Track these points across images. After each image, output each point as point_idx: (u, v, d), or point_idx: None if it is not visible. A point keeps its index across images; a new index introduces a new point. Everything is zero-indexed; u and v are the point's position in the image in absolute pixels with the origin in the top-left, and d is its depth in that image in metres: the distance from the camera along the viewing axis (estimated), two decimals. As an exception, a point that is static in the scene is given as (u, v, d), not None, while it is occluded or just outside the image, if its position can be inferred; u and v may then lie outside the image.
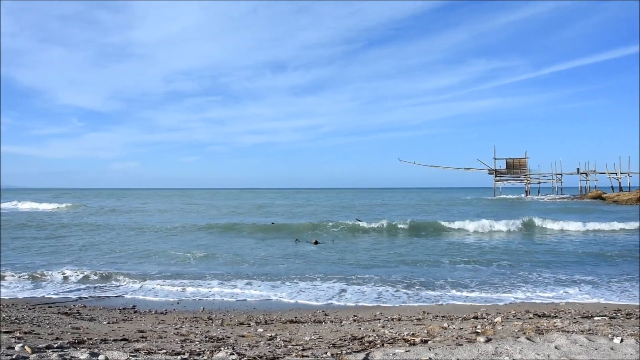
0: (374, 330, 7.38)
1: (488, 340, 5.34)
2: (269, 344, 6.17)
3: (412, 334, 6.79)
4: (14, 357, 4.28)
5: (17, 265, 15.83)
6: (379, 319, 8.95)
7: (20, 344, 4.83)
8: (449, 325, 7.61)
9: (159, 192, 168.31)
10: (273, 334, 7.05)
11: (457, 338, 6.46)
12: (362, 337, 6.67)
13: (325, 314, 9.81)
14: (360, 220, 30.12)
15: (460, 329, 7.23)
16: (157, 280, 13.47)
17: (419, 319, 8.89)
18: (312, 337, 6.84)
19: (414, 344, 6.16)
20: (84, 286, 12.84)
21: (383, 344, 6.20)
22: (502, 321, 7.54)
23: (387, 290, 12.18)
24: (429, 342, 6.21)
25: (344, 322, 8.66)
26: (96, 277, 13.89)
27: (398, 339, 6.49)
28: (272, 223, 30.23)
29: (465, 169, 78.58)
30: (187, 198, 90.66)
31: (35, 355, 4.41)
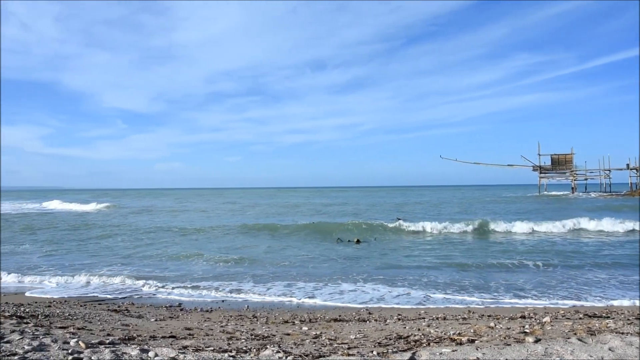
0: (419, 329, 7.31)
1: (537, 341, 5.22)
2: (314, 342, 6.18)
3: (459, 333, 6.69)
4: (69, 351, 4.41)
5: (66, 265, 16.38)
6: (424, 318, 8.85)
7: (75, 339, 4.97)
8: (495, 325, 7.46)
9: (202, 191, 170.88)
10: (318, 333, 7.06)
11: (504, 338, 6.34)
12: (408, 336, 6.61)
13: (369, 313, 9.77)
14: (401, 219, 29.85)
15: (508, 328, 7.09)
16: (200, 282, 13.69)
17: (464, 318, 8.76)
18: (357, 335, 6.82)
19: (460, 344, 6.07)
20: (129, 285, 13.15)
21: (429, 343, 6.12)
22: (551, 321, 7.36)
23: (433, 292, 11.97)
24: (476, 341, 6.11)
25: (388, 321, 8.60)
26: (140, 276, 14.22)
27: (444, 338, 6.41)
28: (313, 222, 30.28)
29: (508, 165, 77.07)
30: (229, 197, 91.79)
31: (89, 350, 4.54)
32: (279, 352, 5.15)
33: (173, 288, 12.64)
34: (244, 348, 5.40)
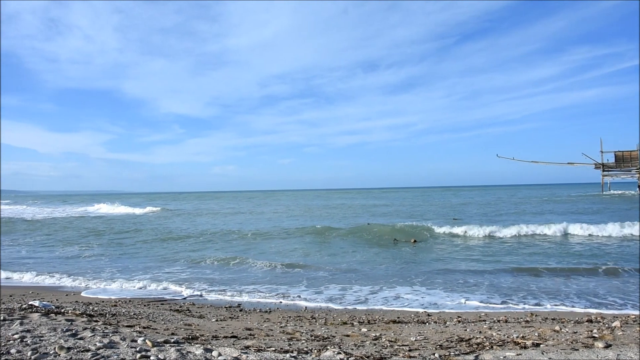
0: (480, 332, 7.16)
1: (608, 346, 5.02)
2: (375, 344, 6.15)
3: (522, 337, 6.52)
4: (137, 349, 4.56)
5: (129, 267, 16.96)
6: (484, 321, 8.66)
7: (142, 338, 5.13)
8: (560, 329, 7.23)
9: (255, 194, 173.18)
10: (377, 334, 7.02)
11: (571, 342, 6.13)
12: (469, 339, 6.49)
13: (428, 315, 9.64)
14: (457, 219, 29.31)
15: (574, 332, 6.85)
16: (256, 284, 13.89)
17: (527, 321, 8.52)
18: (418, 337, 6.74)
19: (524, 347, 5.91)
20: (185, 287, 13.45)
21: (492, 346, 5.99)
22: (621, 326, 7.06)
23: (492, 295, 11.67)
24: (541, 345, 5.94)
25: (447, 323, 8.46)
26: (196, 279, 14.55)
27: (507, 342, 6.26)
28: (368, 224, 30.14)
29: (568, 164, 74.28)
30: (282, 200, 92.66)
31: (155, 348, 4.68)
32: (340, 353, 5.15)
33: (229, 290, 12.85)
34: (305, 349, 5.43)
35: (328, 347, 5.57)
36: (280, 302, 11.33)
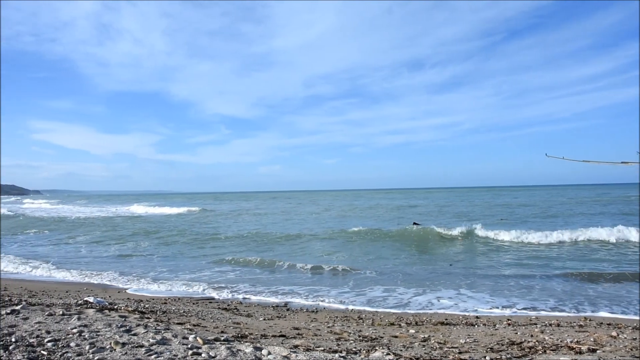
0: (532, 336, 6.98)
1: (672, 353, 4.80)
2: (424, 346, 6.07)
3: (577, 342, 6.32)
4: (189, 346, 4.64)
5: (174, 266, 17.30)
6: (536, 324, 8.45)
7: (193, 335, 5.22)
8: (618, 335, 6.98)
9: (300, 194, 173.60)
10: (426, 336, 6.93)
11: (630, 349, 5.91)
12: (521, 342, 6.34)
13: (477, 317, 9.47)
14: (504, 220, 28.67)
15: (634, 339, 6.60)
16: (301, 285, 13.97)
17: (580, 326, 8.27)
18: (467, 340, 6.62)
19: (580, 352, 5.74)
20: (229, 286, 13.61)
21: (545, 351, 5.84)
22: (683, 332, 6.78)
23: (544, 299, 11.35)
24: (598, 351, 5.75)
25: (497, 325, 8.29)
26: (245, 279, 14.72)
27: (561, 346, 6.09)
28: (414, 223, 29.88)
29: (622, 163, 71.32)
30: (328, 200, 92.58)
31: (206, 346, 4.74)
32: (389, 354, 5.11)
33: (274, 290, 12.95)
34: (354, 349, 5.41)
35: (377, 348, 5.54)
36: (326, 302, 11.32)
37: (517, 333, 7.33)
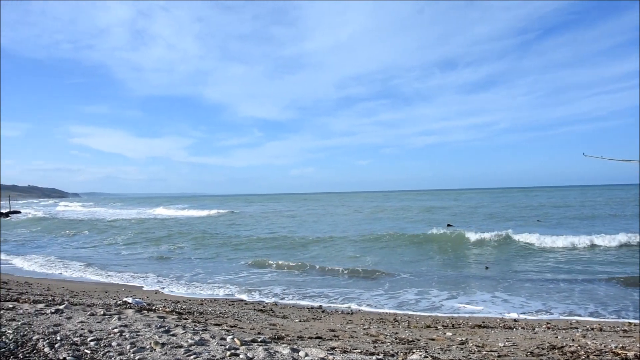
0: (573, 340, 6.81)
1: None
2: (462, 349, 5.99)
3: (622, 347, 6.14)
4: (226, 347, 4.67)
5: (221, 270, 17.47)
6: (577, 328, 8.24)
7: (230, 336, 5.25)
8: (665, 340, 6.75)
9: (334, 195, 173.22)
10: (463, 339, 6.83)
11: (678, 354, 5.71)
12: (562, 347, 6.19)
13: (515, 320, 9.30)
14: (540, 221, 28.08)
15: (682, 344, 6.38)
16: (336, 288, 13.94)
17: (624, 331, 8.03)
18: (506, 343, 6.50)
19: (626, 358, 5.57)
20: (268, 288, 13.68)
21: (588, 356, 5.70)
22: None
23: (584, 303, 11.06)
24: (645, 357, 5.57)
25: (536, 329, 8.12)
26: (280, 281, 14.79)
27: (605, 351, 5.92)
28: (448, 225, 29.55)
29: (665, 162, 69.30)
30: (360, 201, 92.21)
31: (244, 347, 4.77)
32: (427, 357, 5.06)
33: (309, 292, 12.99)
34: (391, 351, 5.37)
35: (414, 351, 5.48)
36: (360, 304, 11.28)
37: (557, 337, 7.16)
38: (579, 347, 6.18)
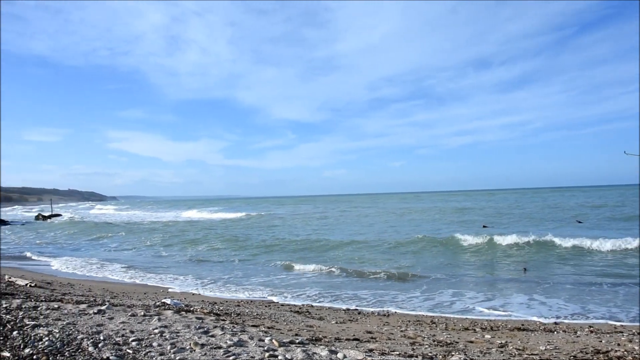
0: (618, 344, 6.62)
1: None
2: (502, 352, 5.88)
3: (670, 352, 5.94)
4: (265, 348, 4.69)
5: (255, 272, 17.60)
6: (622, 332, 8.01)
7: (268, 338, 5.28)
8: None
9: (366, 197, 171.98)
10: (503, 341, 6.71)
11: None
12: (607, 351, 6.02)
13: (555, 323, 9.10)
14: (580, 222, 27.37)
15: None
16: (371, 290, 13.89)
17: (672, 336, 7.76)
18: (547, 347, 6.36)
19: (675, 364, 5.39)
20: (302, 289, 13.71)
21: (635, 361, 5.53)
22: None
23: (628, 309, 10.72)
24: (694, 361, 5.39)
25: (578, 332, 7.92)
26: (316, 282, 14.81)
27: (653, 356, 5.74)
28: (484, 226, 29.12)
29: None
30: (395, 203, 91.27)
31: (282, 348, 4.78)
32: (466, 359, 4.98)
33: (344, 294, 12.98)
34: (429, 354, 5.31)
35: (453, 353, 5.41)
36: (394, 305, 11.21)
37: (601, 341, 6.98)
38: (625, 352, 6.01)
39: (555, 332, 7.99)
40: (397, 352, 5.19)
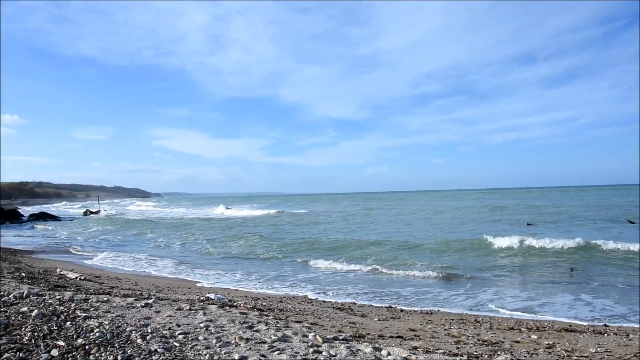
0: (673, 348, 6.37)
1: None
2: (549, 353, 5.74)
3: None
4: (309, 344, 4.71)
5: (292, 269, 17.68)
6: (676, 336, 7.70)
7: (312, 333, 5.30)
8: None
9: (409, 195, 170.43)
10: (550, 342, 6.54)
11: None
12: (662, 355, 5.80)
13: (605, 325, 8.83)
14: (632, 222, 26.48)
15: None
16: (414, 287, 13.80)
17: None
18: (598, 349, 6.17)
19: None
20: (344, 286, 13.71)
21: (691, 365, 5.31)
22: None
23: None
24: None
25: (631, 335, 7.66)
26: (357, 280, 14.78)
27: None
28: (528, 224, 28.48)
29: None
30: (438, 200, 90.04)
31: (326, 344, 4.79)
32: (514, 360, 4.89)
33: (386, 291, 12.92)
34: (475, 353, 5.23)
35: (499, 353, 5.32)
36: (436, 303, 11.09)
37: (654, 344, 6.73)
38: (680, 355, 5.79)
39: (606, 335, 7.75)
40: (442, 351, 5.13)
